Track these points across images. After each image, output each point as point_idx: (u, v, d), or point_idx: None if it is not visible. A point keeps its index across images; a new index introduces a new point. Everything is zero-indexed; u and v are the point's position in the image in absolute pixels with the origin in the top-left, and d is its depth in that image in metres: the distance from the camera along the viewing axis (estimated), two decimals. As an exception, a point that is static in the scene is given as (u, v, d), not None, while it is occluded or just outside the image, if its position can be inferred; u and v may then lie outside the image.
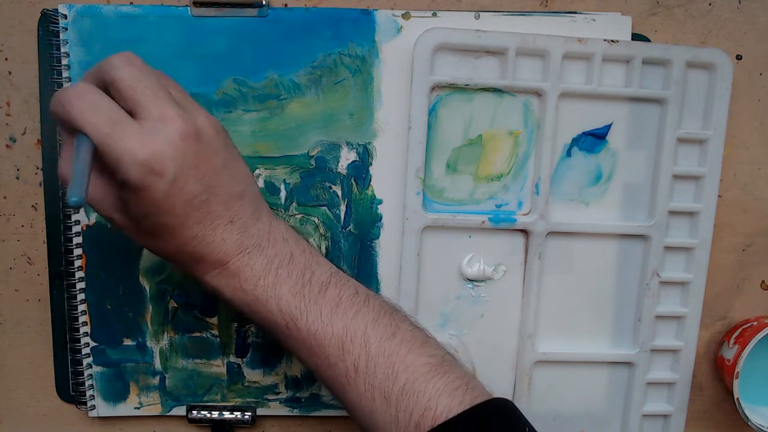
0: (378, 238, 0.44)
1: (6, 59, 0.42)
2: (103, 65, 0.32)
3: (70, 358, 0.45)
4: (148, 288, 0.44)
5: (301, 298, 0.35)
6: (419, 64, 0.41)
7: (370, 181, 0.43)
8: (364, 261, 0.44)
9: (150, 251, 0.36)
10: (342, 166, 0.43)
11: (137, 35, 0.41)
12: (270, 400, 0.46)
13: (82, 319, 0.44)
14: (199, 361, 0.45)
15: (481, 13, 0.43)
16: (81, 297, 0.44)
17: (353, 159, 0.43)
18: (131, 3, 0.41)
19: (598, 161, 0.44)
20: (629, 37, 0.43)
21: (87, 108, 0.30)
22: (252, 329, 0.45)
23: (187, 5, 0.41)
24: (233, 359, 0.45)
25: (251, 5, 0.41)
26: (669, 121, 0.43)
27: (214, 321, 0.45)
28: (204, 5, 0.41)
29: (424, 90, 0.41)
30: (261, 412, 0.46)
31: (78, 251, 0.43)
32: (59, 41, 0.41)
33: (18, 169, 0.43)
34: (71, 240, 0.43)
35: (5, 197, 0.44)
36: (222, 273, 0.35)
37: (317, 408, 0.46)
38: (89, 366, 0.44)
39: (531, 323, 0.44)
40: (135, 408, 0.45)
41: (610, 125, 0.43)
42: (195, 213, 0.33)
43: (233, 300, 0.36)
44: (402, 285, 0.43)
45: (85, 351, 0.44)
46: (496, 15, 0.43)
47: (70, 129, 0.31)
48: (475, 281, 0.44)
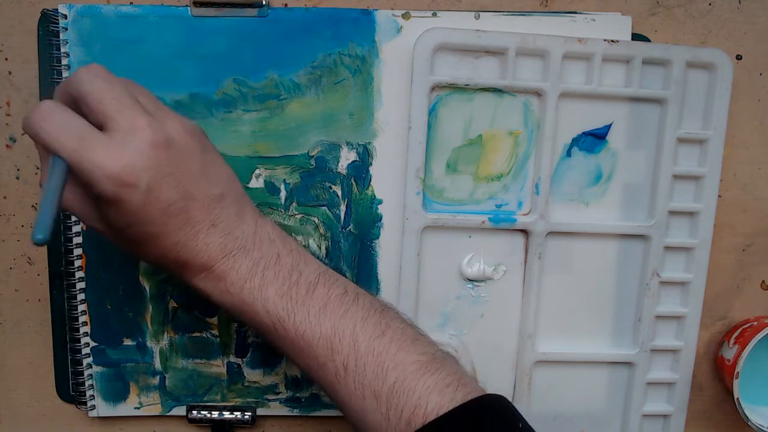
0: (378, 238, 0.44)
1: (6, 59, 0.42)
2: (70, 80, 0.32)
3: (70, 358, 0.45)
4: (148, 288, 0.44)
5: (288, 299, 0.35)
6: (419, 64, 0.41)
7: (370, 181, 0.43)
8: (364, 261, 0.44)
9: (137, 258, 0.35)
10: (342, 166, 0.43)
11: (137, 35, 0.41)
12: (270, 400, 0.46)
13: (82, 319, 0.44)
14: (199, 361, 0.45)
15: (481, 13, 0.43)
16: (81, 297, 0.44)
17: (353, 159, 0.43)
18: (131, 3, 0.41)
19: (598, 161, 0.44)
20: (629, 37, 0.43)
21: (54, 126, 0.30)
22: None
23: (187, 5, 0.41)
24: (233, 359, 0.45)
25: (251, 5, 0.41)
26: (669, 121, 0.43)
27: (214, 321, 0.45)
28: (204, 5, 0.41)
29: (424, 90, 0.41)
30: (261, 412, 0.46)
31: (78, 251, 0.43)
32: (59, 41, 0.41)
33: (18, 169, 0.43)
34: (71, 240, 0.43)
35: (5, 197, 0.44)
36: (208, 276, 0.35)
37: (317, 408, 0.46)
38: (89, 366, 0.44)
39: (531, 323, 0.44)
40: (135, 408, 0.45)
41: (610, 125, 0.43)
42: (174, 220, 0.33)
43: (221, 303, 0.35)
44: (402, 285, 0.43)
45: (85, 351, 0.44)
46: (496, 15, 0.43)
47: (44, 149, 0.31)
48: (475, 281, 0.44)
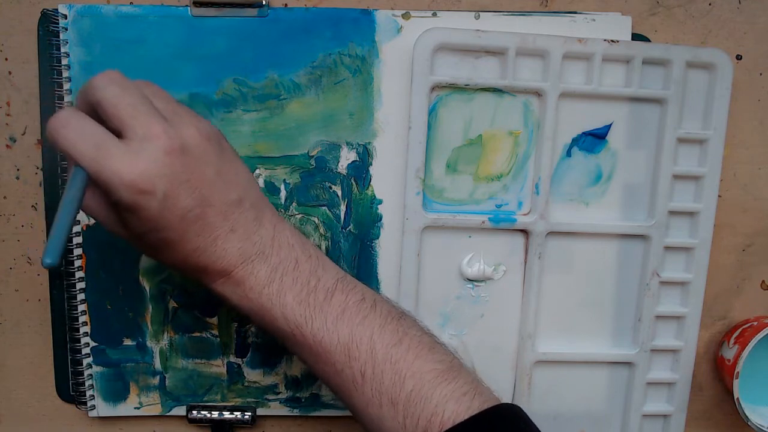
0: (378, 238, 0.44)
1: (6, 59, 0.42)
2: (87, 87, 0.32)
3: (70, 358, 0.45)
4: (148, 288, 0.44)
5: (306, 305, 0.35)
6: (419, 64, 0.41)
7: (370, 181, 0.43)
8: (364, 261, 0.44)
9: (160, 263, 0.36)
10: (342, 166, 0.43)
11: (137, 35, 0.41)
12: (270, 400, 0.46)
13: (82, 319, 0.44)
14: (199, 361, 0.45)
15: (481, 13, 0.43)
16: (81, 297, 0.44)
17: (353, 159, 0.43)
18: (131, 3, 0.41)
19: (598, 161, 0.44)
20: (629, 37, 0.43)
21: (72, 134, 0.30)
22: (252, 329, 0.45)
23: (187, 5, 0.41)
24: (233, 359, 0.45)
25: (251, 5, 0.41)
26: (669, 121, 0.43)
27: (214, 321, 0.45)
28: (204, 5, 0.41)
29: (424, 90, 0.41)
30: (261, 412, 0.46)
31: (78, 251, 0.43)
32: (59, 41, 0.41)
33: (18, 169, 0.43)
34: (71, 240, 0.43)
35: (5, 197, 0.44)
36: (227, 282, 0.35)
37: (317, 408, 0.46)
38: (89, 366, 0.44)
39: (531, 323, 0.44)
40: (135, 408, 0.45)
41: (610, 125, 0.43)
42: (192, 226, 0.33)
43: (240, 308, 0.36)
44: (402, 285, 0.43)
45: (85, 351, 0.44)
46: (496, 15, 0.43)
47: (69, 157, 0.31)
48: (475, 281, 0.44)
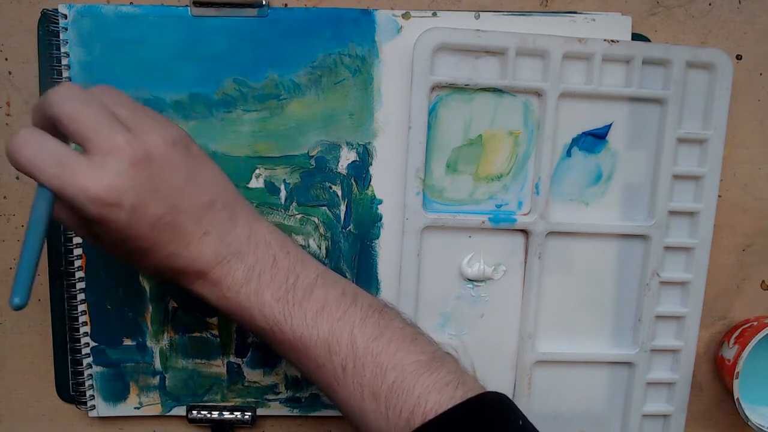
0: (378, 238, 0.44)
1: (6, 59, 0.42)
2: (43, 104, 0.31)
3: (70, 358, 0.45)
4: (148, 288, 0.44)
5: (285, 302, 0.35)
6: (419, 64, 0.41)
7: (370, 181, 0.43)
8: (364, 261, 0.44)
9: (135, 269, 0.35)
10: (342, 166, 0.43)
11: (137, 35, 0.41)
12: (270, 400, 0.46)
13: (82, 319, 0.44)
14: (199, 361, 0.45)
15: (481, 13, 0.43)
16: (81, 297, 0.44)
17: (353, 159, 0.43)
18: (131, 3, 0.41)
19: (598, 161, 0.44)
20: (629, 37, 0.43)
21: (32, 153, 0.30)
22: (252, 329, 0.45)
23: (187, 5, 0.41)
24: (233, 359, 0.45)
25: (251, 5, 0.41)
26: (669, 121, 0.43)
27: (214, 321, 0.45)
28: (204, 5, 0.41)
29: (424, 90, 0.41)
30: (261, 412, 0.46)
31: (78, 251, 0.43)
32: (59, 41, 0.41)
33: (18, 169, 0.43)
34: (71, 240, 0.43)
35: (5, 197, 0.44)
36: (204, 283, 0.35)
37: (317, 408, 0.46)
38: (89, 366, 0.44)
39: (531, 323, 0.44)
40: (135, 408, 0.45)
41: (610, 125, 0.43)
42: (164, 234, 0.33)
43: (219, 308, 0.36)
44: (402, 285, 0.43)
45: (85, 351, 0.44)
46: (496, 15, 0.43)
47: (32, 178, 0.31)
48: (475, 281, 0.44)
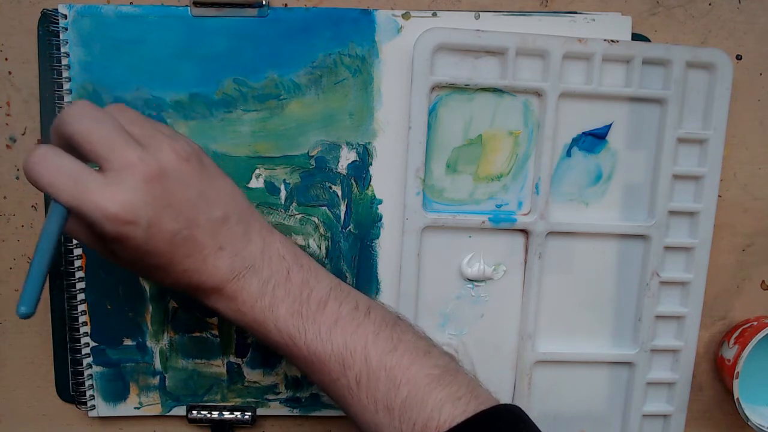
0: (378, 238, 0.44)
1: (6, 59, 0.42)
2: (59, 123, 0.31)
3: (70, 358, 0.45)
4: (148, 288, 0.44)
5: (299, 317, 0.35)
6: (419, 64, 0.41)
7: (370, 181, 0.43)
8: (364, 261, 0.44)
9: (153, 284, 0.36)
10: (342, 166, 0.43)
11: (137, 35, 0.41)
12: (270, 400, 0.46)
13: (82, 319, 0.44)
14: (199, 361, 0.45)
15: (481, 13, 0.43)
16: (81, 297, 0.44)
17: (353, 159, 0.43)
18: (131, 3, 0.41)
19: (598, 161, 0.44)
20: (629, 37, 0.43)
21: (49, 171, 0.30)
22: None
23: (187, 5, 0.41)
24: (233, 359, 0.45)
25: (251, 5, 0.41)
26: (669, 121, 0.43)
27: (214, 321, 0.45)
28: (204, 5, 0.41)
29: (424, 90, 0.41)
30: (261, 412, 0.46)
31: (78, 251, 0.43)
32: (59, 41, 0.41)
33: (18, 169, 0.43)
34: (71, 240, 0.43)
35: (5, 197, 0.44)
36: (220, 298, 0.35)
37: (317, 408, 0.46)
38: (89, 366, 0.44)
39: (531, 323, 0.44)
40: (135, 408, 0.45)
41: (610, 125, 0.43)
42: (181, 249, 0.33)
43: (235, 322, 0.36)
44: (402, 285, 0.43)
45: (85, 351, 0.44)
46: (496, 15, 0.43)
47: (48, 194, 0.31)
48: (475, 281, 0.44)
